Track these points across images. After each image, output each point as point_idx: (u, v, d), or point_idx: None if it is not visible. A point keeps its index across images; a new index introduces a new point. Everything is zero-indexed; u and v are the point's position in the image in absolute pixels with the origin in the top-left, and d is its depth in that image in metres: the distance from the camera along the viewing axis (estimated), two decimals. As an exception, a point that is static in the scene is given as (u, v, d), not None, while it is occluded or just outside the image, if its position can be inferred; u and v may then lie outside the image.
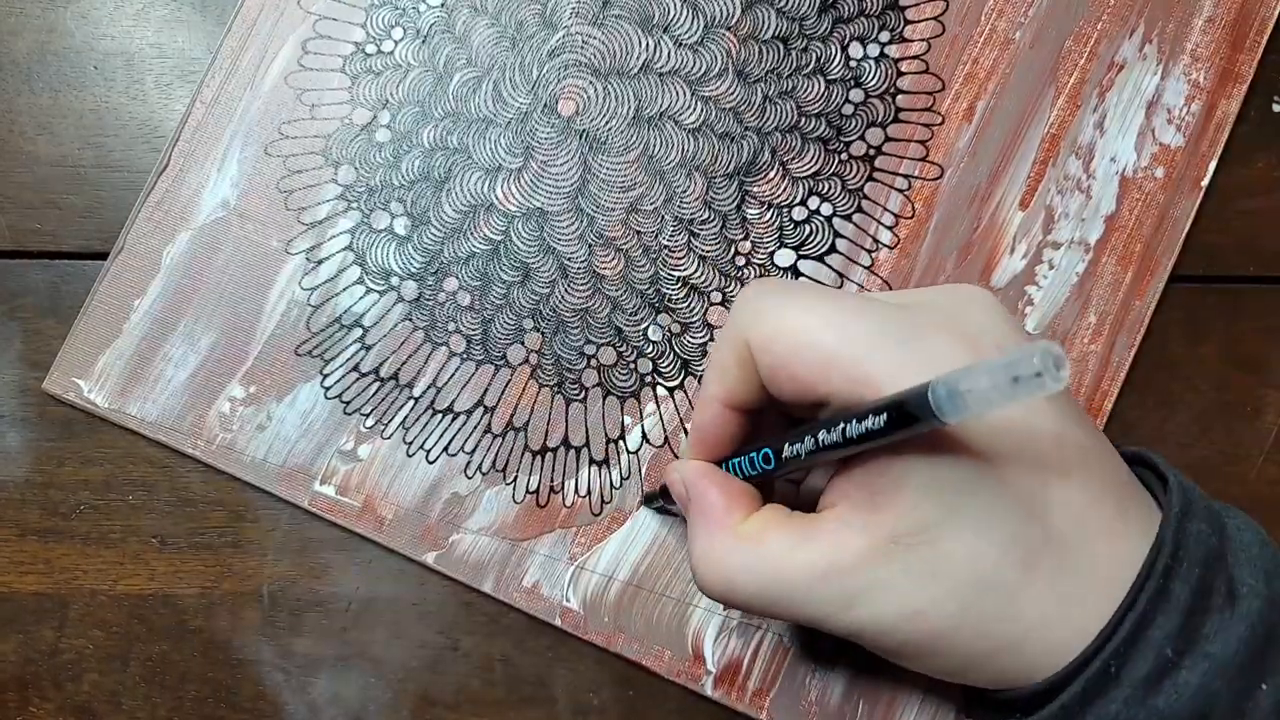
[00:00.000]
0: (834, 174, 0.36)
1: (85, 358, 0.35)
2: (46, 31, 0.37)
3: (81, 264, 0.36)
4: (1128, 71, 0.36)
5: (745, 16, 0.36)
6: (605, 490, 0.35)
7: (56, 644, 0.34)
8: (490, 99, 0.36)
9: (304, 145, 0.36)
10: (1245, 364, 0.36)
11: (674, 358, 0.35)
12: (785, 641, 0.34)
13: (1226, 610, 0.25)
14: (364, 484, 0.35)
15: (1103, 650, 0.25)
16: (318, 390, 0.35)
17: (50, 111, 0.36)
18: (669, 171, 0.36)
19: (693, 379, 0.35)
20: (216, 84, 0.36)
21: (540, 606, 0.34)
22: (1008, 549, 0.25)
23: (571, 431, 0.35)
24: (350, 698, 0.34)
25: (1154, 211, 0.36)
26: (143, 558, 0.35)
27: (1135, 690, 0.25)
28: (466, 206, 0.36)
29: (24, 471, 0.35)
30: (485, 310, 0.35)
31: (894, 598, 0.25)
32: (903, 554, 0.25)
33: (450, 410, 0.35)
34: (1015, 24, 0.36)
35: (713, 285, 0.35)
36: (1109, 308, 0.35)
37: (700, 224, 0.36)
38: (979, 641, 0.26)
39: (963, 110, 0.36)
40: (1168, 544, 0.25)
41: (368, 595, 0.35)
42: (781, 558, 0.26)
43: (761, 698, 0.34)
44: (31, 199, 0.36)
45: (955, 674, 0.27)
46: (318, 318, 0.35)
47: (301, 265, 0.35)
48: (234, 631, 0.35)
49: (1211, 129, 0.36)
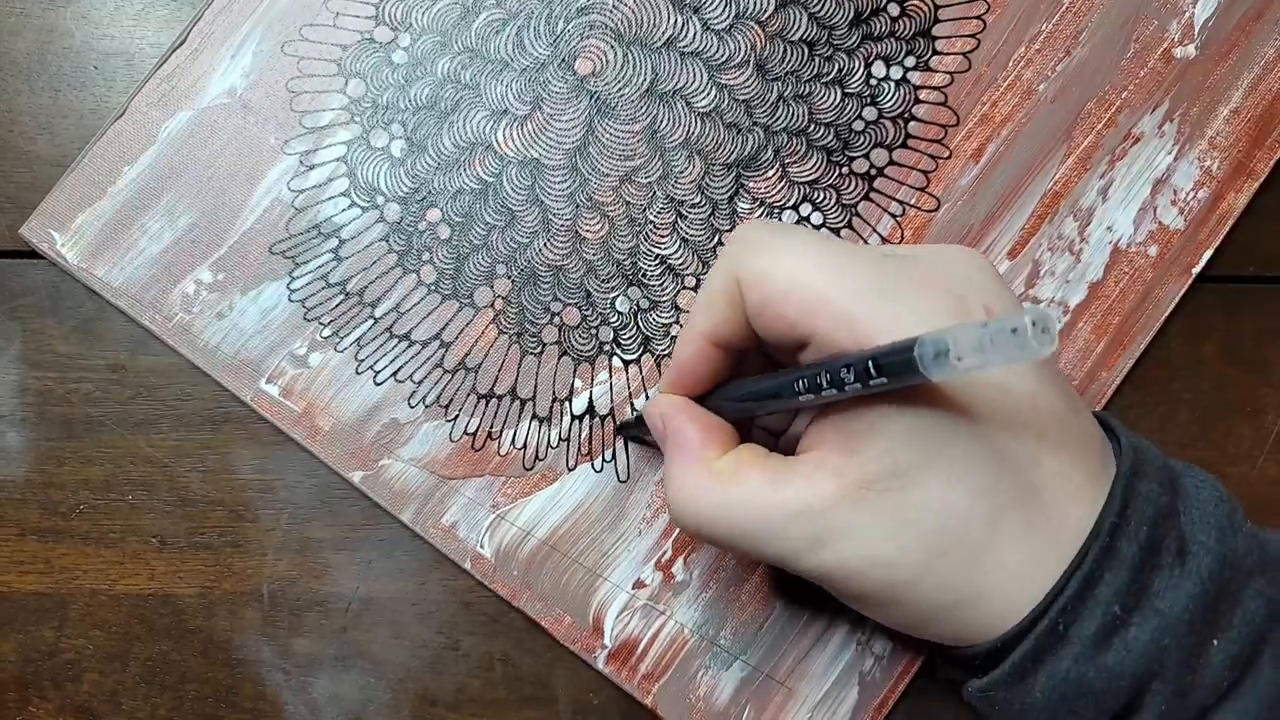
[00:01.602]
0: (831, 185, 0.36)
1: (66, 212, 0.35)
2: (46, 31, 0.37)
3: None
4: (1143, 145, 0.36)
5: (778, 14, 0.36)
6: (541, 447, 0.35)
7: (56, 644, 0.34)
8: (511, 43, 0.36)
9: (320, 51, 0.36)
10: (1245, 364, 0.36)
11: (636, 332, 0.35)
12: (687, 632, 0.34)
13: (1176, 567, 0.25)
14: (308, 391, 0.35)
15: (1050, 609, 0.25)
16: (283, 291, 0.35)
17: (50, 111, 0.36)
18: (670, 149, 0.36)
19: (650, 356, 0.35)
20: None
21: (453, 547, 0.34)
22: (977, 502, 0.25)
23: (521, 383, 0.35)
24: (350, 698, 0.34)
25: (1139, 288, 0.35)
26: (142, 557, 0.35)
27: (1085, 648, 0.25)
28: (465, 143, 0.36)
29: (24, 471, 0.35)
30: (462, 247, 0.35)
31: (861, 543, 0.25)
32: (873, 499, 0.25)
33: (407, 338, 0.35)
34: (1042, 76, 0.36)
35: (690, 269, 0.35)
36: (1074, 373, 0.35)
37: (690, 207, 0.36)
38: (941, 594, 0.26)
39: (972, 149, 0.36)
40: (1115, 502, 0.25)
41: (368, 595, 0.35)
42: (754, 496, 0.26)
43: (650, 682, 0.34)
44: (31, 199, 0.36)
45: (915, 626, 0.27)
46: (298, 220, 0.35)
47: (294, 167, 0.36)
48: (234, 631, 0.34)
49: (1214, 219, 0.36)
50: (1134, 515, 0.25)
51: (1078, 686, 0.26)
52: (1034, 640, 0.25)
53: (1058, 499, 0.26)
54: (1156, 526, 0.26)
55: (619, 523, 0.34)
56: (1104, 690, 0.25)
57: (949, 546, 0.25)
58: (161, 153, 0.35)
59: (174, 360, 0.35)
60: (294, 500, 0.35)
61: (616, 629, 0.34)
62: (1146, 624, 0.25)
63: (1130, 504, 0.26)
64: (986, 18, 0.36)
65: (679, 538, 0.34)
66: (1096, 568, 0.25)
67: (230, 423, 0.35)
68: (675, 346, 0.30)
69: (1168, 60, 0.36)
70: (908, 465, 0.25)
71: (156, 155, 0.35)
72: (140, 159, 0.35)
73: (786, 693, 0.34)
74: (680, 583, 0.34)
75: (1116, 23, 0.36)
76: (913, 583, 0.26)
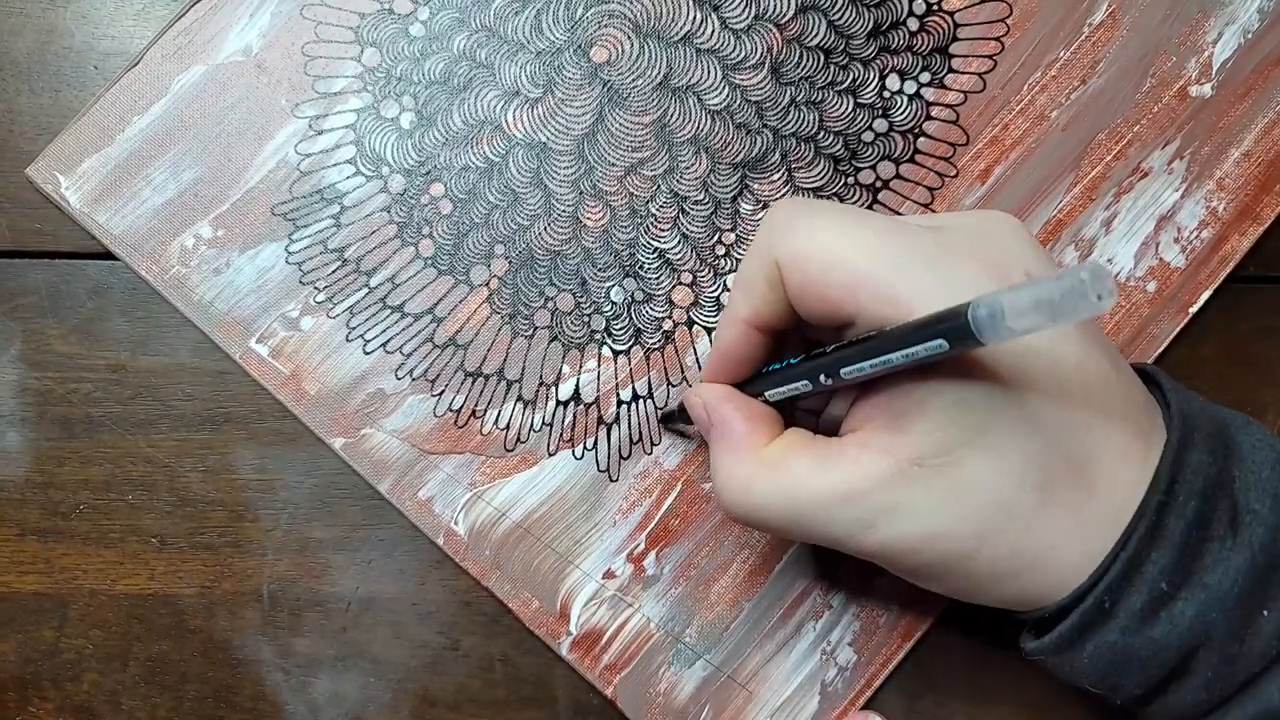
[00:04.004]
0: (836, 194, 0.36)
1: (73, 156, 0.35)
2: (46, 31, 0.37)
3: (82, 264, 0.36)
4: (1151, 180, 0.36)
5: (797, 18, 0.36)
6: (524, 430, 0.35)
7: (56, 644, 0.34)
8: (529, 26, 0.36)
9: (339, 18, 0.36)
10: (1245, 364, 0.36)
11: (629, 323, 0.35)
12: (653, 626, 0.34)
13: (1228, 539, 0.25)
14: (298, 354, 0.35)
15: (1097, 586, 0.26)
16: (281, 253, 0.35)
17: (50, 111, 0.36)
18: (679, 144, 0.36)
19: (641, 349, 0.35)
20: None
21: (428, 522, 0.34)
22: (1028, 473, 0.25)
23: (510, 364, 0.35)
24: (350, 698, 0.34)
25: (1135, 322, 0.35)
26: (142, 557, 0.35)
27: (1131, 621, 0.26)
28: (475, 121, 0.36)
29: (24, 471, 0.35)
30: (463, 224, 0.35)
31: (914, 520, 0.26)
32: (924, 476, 0.25)
33: (400, 310, 0.35)
34: (1055, 102, 0.36)
35: (687, 265, 0.35)
36: (1063, 402, 0.35)
37: (693, 203, 0.36)
38: (995, 565, 0.26)
39: (979, 170, 0.36)
40: (1162, 479, 0.25)
41: (368, 595, 0.35)
42: (804, 481, 0.26)
43: (612, 673, 0.34)
44: (31, 199, 0.36)
45: (970, 594, 0.28)
46: (302, 184, 0.35)
47: (302, 130, 0.36)
48: (234, 631, 0.34)
49: (1215, 260, 0.36)
50: (1182, 490, 0.25)
51: (1124, 655, 0.26)
52: (1080, 615, 0.26)
53: (1108, 461, 0.26)
54: (1207, 499, 0.26)
55: (595, 512, 0.34)
56: (1150, 659, 0.26)
57: (1003, 518, 0.25)
58: (172, 105, 0.36)
59: (174, 360, 0.35)
60: (294, 500, 0.35)
61: (583, 617, 0.34)
62: (1194, 599, 0.25)
63: (1178, 478, 0.25)
64: (1005, 40, 0.36)
65: (653, 531, 0.34)
66: (1142, 548, 0.25)
67: (230, 423, 0.35)
68: (715, 334, 0.30)
69: (1183, 98, 0.36)
70: (958, 440, 0.25)
71: (167, 107, 0.36)
72: (151, 109, 0.36)
73: (747, 696, 0.34)
74: (651, 577, 0.34)
75: (1135, 56, 0.36)
76: (970, 554, 0.26)
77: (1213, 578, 0.25)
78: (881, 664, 0.34)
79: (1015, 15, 0.36)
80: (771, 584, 0.34)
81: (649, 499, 0.34)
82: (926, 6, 0.36)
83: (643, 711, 0.33)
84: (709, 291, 0.35)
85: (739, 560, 0.34)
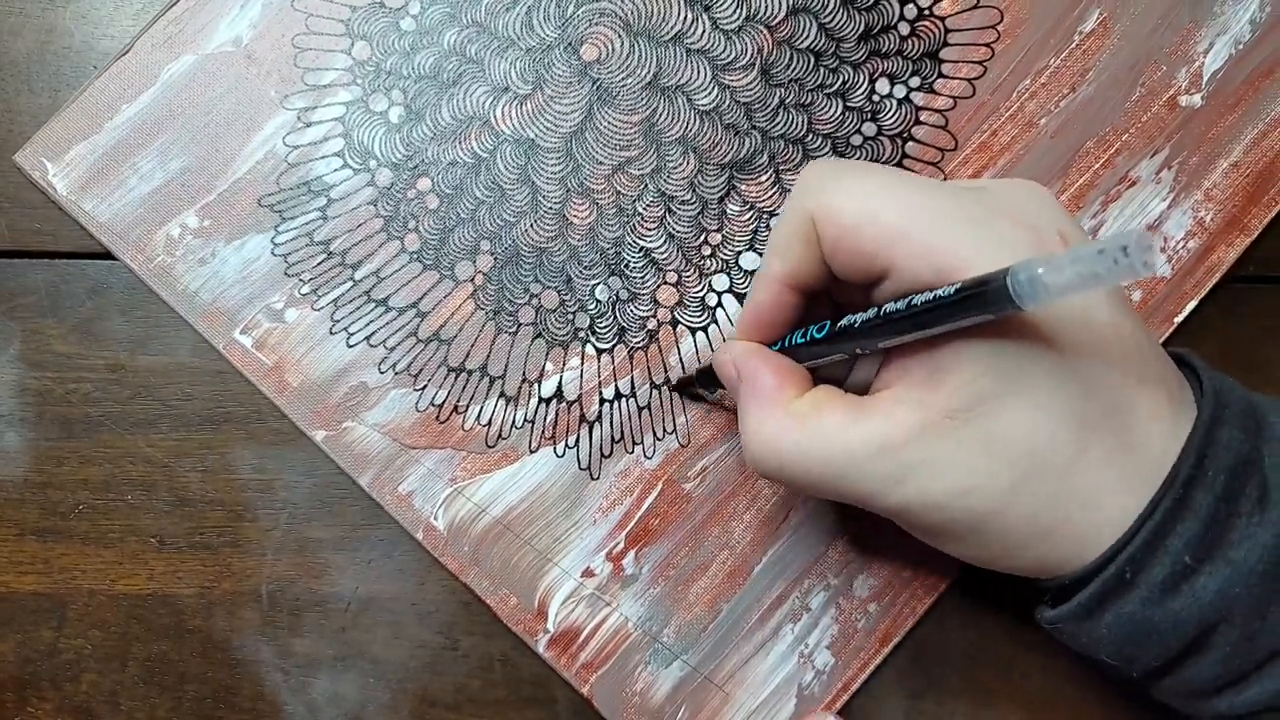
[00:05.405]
0: (823, 196, 0.36)
1: (61, 143, 0.35)
2: (46, 31, 0.37)
3: (81, 264, 0.36)
4: (1138, 189, 0.36)
5: (788, 20, 0.36)
6: (505, 426, 0.35)
7: (55, 644, 0.34)
8: (519, 22, 0.36)
9: (330, 10, 0.36)
10: (1245, 364, 0.36)
11: (613, 321, 0.35)
12: (630, 626, 0.34)
13: (1256, 515, 0.25)
14: (281, 346, 0.35)
15: (1119, 555, 0.25)
16: (267, 244, 0.35)
17: (49, 111, 0.36)
18: (667, 144, 0.36)
19: (624, 347, 0.35)
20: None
21: (408, 516, 0.34)
22: (1062, 426, 0.25)
23: (493, 360, 0.35)
24: (349, 698, 0.34)
25: (1120, 331, 0.35)
26: (141, 557, 0.35)
27: (1151, 593, 0.25)
28: (464, 116, 0.36)
29: (23, 471, 0.35)
30: (449, 219, 0.35)
31: (946, 473, 0.25)
32: (958, 428, 0.25)
33: (385, 303, 0.35)
34: (1045, 110, 0.36)
35: (672, 264, 0.35)
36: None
37: (680, 203, 0.36)
38: (1026, 523, 0.26)
39: (967, 176, 0.36)
40: (1192, 453, 0.25)
41: (367, 595, 0.34)
42: (834, 435, 0.26)
43: (589, 671, 0.34)
44: (31, 199, 0.36)
45: (994, 559, 0.27)
46: (289, 176, 0.35)
47: (291, 122, 0.36)
48: (233, 631, 0.34)
49: (1201, 271, 0.35)
50: (1211, 464, 0.25)
51: (1143, 627, 0.26)
52: (1101, 584, 0.26)
53: (1141, 418, 0.26)
54: (1236, 475, 0.25)
55: (574, 509, 0.34)
56: (1169, 632, 0.26)
57: (1035, 471, 0.25)
58: (161, 94, 0.36)
59: (173, 360, 0.35)
60: (293, 500, 0.35)
61: (561, 615, 0.34)
62: (1217, 574, 0.25)
63: (1208, 453, 0.25)
64: (996, 46, 0.36)
65: (633, 530, 0.34)
66: (1167, 519, 0.25)
67: (230, 423, 0.35)
68: (749, 293, 0.29)
69: (1172, 107, 0.36)
70: (993, 392, 0.25)
71: (156, 96, 0.36)
72: (139, 98, 0.36)
73: (723, 697, 0.34)
74: (629, 576, 0.34)
75: (1125, 65, 0.36)
76: (999, 511, 0.26)
77: (1238, 553, 0.25)
78: (859, 668, 0.34)
79: (1006, 22, 0.36)
80: (750, 585, 0.34)
81: (629, 498, 0.34)
82: (918, 11, 0.36)
83: (618, 711, 0.33)
84: (694, 292, 0.35)
85: (718, 561, 0.34)
